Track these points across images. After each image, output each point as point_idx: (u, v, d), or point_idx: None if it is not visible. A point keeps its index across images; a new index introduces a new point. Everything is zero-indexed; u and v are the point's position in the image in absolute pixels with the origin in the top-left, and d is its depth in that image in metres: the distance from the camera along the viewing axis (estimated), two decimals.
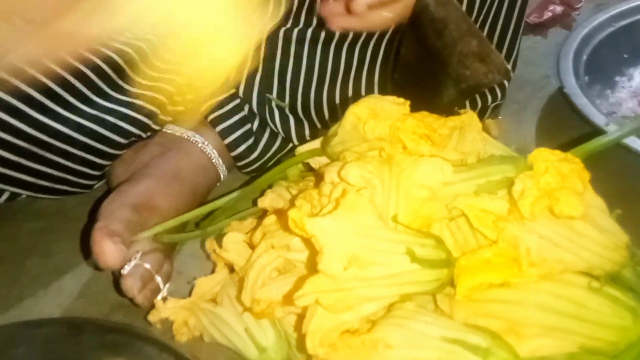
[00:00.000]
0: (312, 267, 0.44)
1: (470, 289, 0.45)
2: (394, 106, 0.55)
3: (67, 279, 0.67)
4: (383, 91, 0.67)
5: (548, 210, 0.45)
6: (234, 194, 0.63)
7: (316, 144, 0.60)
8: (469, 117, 0.54)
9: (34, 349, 0.55)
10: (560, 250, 0.45)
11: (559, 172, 0.46)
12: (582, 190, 0.46)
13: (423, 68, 0.57)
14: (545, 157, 0.47)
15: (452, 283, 0.47)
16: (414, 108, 0.57)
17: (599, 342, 0.45)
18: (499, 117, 0.78)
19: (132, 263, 0.57)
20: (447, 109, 0.57)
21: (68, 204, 0.75)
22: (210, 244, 0.59)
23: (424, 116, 0.55)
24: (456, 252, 0.47)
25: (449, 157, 0.52)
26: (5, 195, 0.70)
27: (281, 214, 0.52)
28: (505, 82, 0.76)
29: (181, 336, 0.57)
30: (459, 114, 0.57)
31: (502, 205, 0.46)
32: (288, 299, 0.46)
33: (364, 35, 0.69)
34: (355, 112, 0.55)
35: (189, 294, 0.59)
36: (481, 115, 0.75)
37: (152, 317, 0.57)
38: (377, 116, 0.54)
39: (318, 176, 0.55)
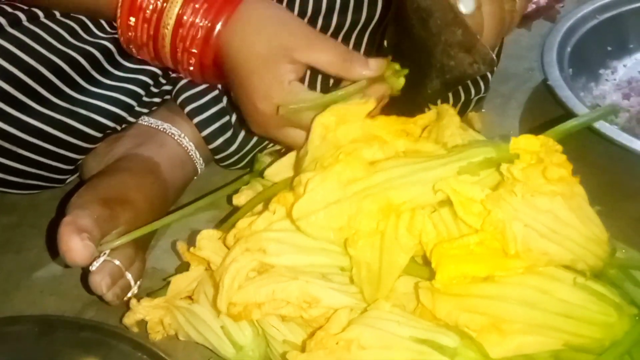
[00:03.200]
0: None
1: (451, 279, 0.44)
2: (359, 107, 0.53)
3: (39, 275, 0.66)
4: None
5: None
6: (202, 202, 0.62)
7: (287, 163, 0.58)
8: (445, 112, 0.53)
9: (5, 348, 0.54)
10: (544, 241, 0.44)
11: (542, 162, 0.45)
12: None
13: (407, 59, 0.55)
14: (529, 145, 0.46)
15: (432, 277, 0.46)
16: (397, 100, 0.55)
17: (583, 339, 0.45)
18: (483, 110, 0.77)
19: (101, 259, 0.55)
20: (431, 101, 0.56)
21: (40, 198, 0.72)
22: (181, 246, 0.57)
23: (394, 119, 0.54)
24: None
25: (424, 148, 0.51)
26: None
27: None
28: (489, 75, 0.75)
29: (156, 335, 0.56)
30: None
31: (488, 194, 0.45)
32: None
33: (346, 26, 0.67)
34: (322, 123, 0.53)
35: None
36: (465, 108, 0.74)
37: (127, 319, 0.55)
38: (346, 120, 0.53)
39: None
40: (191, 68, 0.61)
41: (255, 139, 0.71)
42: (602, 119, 0.61)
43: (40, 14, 0.61)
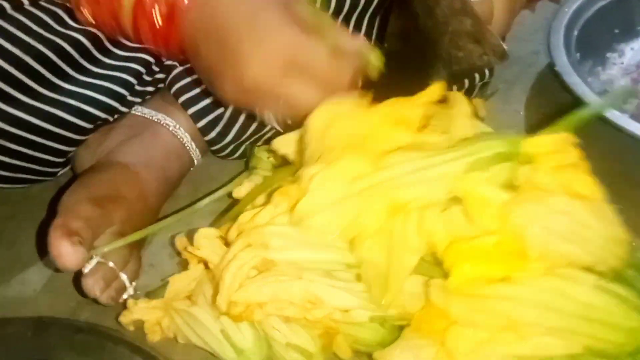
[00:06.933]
0: None
1: (467, 279, 0.42)
2: (351, 103, 0.51)
3: (32, 271, 0.64)
4: None
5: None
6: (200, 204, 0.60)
7: (296, 137, 0.55)
8: (456, 100, 0.51)
9: None
10: (564, 243, 0.43)
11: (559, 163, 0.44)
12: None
13: (411, 49, 0.53)
14: (544, 145, 0.44)
15: (442, 276, 0.44)
16: (401, 92, 0.53)
17: (604, 343, 0.43)
18: (487, 95, 0.75)
19: (94, 261, 0.53)
20: None
21: (33, 190, 0.70)
22: (180, 242, 0.55)
23: (392, 103, 0.51)
24: None
25: (429, 140, 0.49)
26: None
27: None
28: None
29: (153, 335, 0.54)
30: None
31: (504, 197, 0.43)
32: None
33: (345, 9, 0.65)
34: (316, 124, 0.50)
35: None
36: (468, 95, 0.72)
37: (124, 318, 0.54)
38: (340, 119, 0.50)
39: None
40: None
41: (251, 129, 0.69)
42: (617, 100, 0.59)
43: (25, 1, 0.58)
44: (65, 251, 0.50)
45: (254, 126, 0.69)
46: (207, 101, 0.67)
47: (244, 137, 0.69)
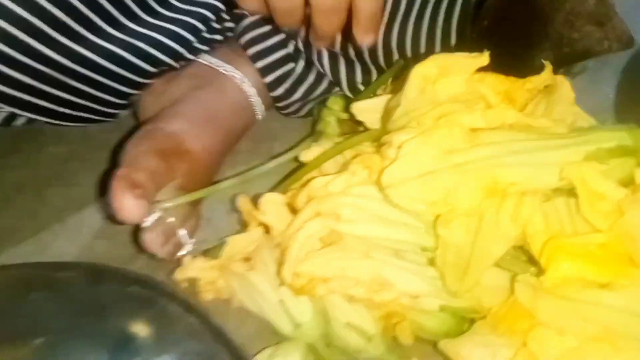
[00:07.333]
0: None
1: (565, 279, 0.39)
2: (469, 60, 0.47)
3: (88, 213, 0.62)
4: (446, 41, 0.59)
5: None
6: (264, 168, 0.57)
7: (376, 105, 0.51)
8: (559, 85, 0.46)
9: (53, 295, 0.50)
10: None
11: None
12: None
13: (515, 24, 0.48)
14: None
15: (536, 272, 0.41)
16: (501, 70, 0.49)
17: None
18: (574, 73, 0.69)
19: (155, 215, 0.51)
20: (536, 73, 0.49)
21: (91, 130, 0.68)
22: (243, 202, 0.52)
23: (502, 78, 0.47)
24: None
25: (537, 124, 0.44)
26: (21, 120, 0.65)
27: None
28: None
29: (207, 295, 0.52)
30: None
31: (621, 194, 0.39)
32: None
33: None
34: (422, 73, 0.47)
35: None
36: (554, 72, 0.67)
37: (179, 275, 0.52)
38: (449, 73, 0.46)
39: (380, 145, 0.48)
40: None
41: (323, 87, 0.66)
42: None
43: None
44: (128, 203, 0.49)
45: (323, 85, 0.66)
46: (277, 55, 0.64)
47: (312, 96, 0.66)
